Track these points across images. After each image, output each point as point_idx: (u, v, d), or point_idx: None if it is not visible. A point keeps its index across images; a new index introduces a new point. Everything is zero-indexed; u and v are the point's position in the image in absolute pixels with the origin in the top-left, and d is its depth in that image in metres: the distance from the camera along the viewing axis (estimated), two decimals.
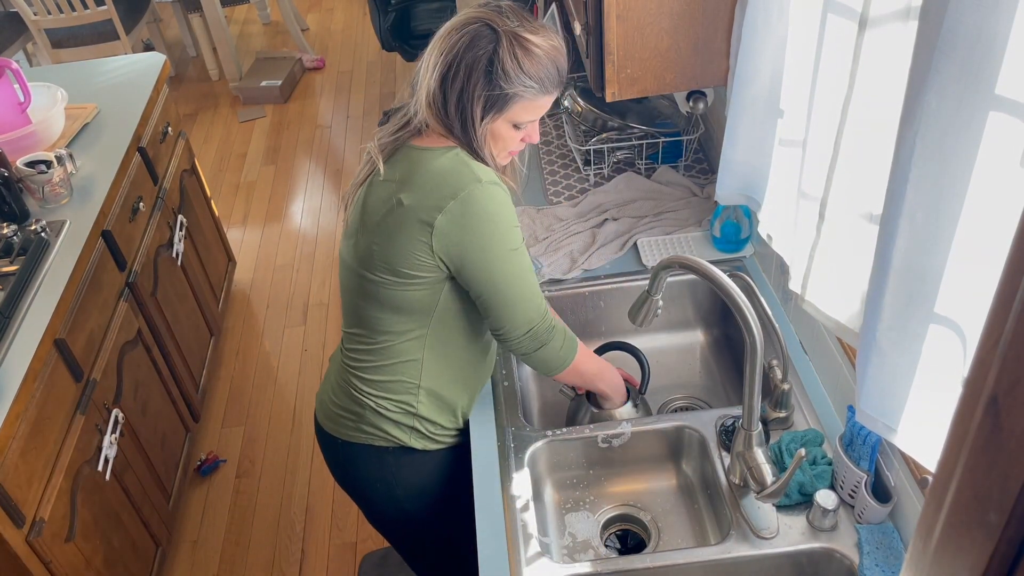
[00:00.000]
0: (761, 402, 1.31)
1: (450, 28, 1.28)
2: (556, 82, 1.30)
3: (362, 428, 1.50)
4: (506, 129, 1.33)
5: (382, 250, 1.34)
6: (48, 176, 2.15)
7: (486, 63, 1.25)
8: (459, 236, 1.29)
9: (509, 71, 1.25)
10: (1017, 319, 0.46)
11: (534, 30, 1.28)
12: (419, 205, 1.29)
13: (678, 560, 1.33)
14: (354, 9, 5.65)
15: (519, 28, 1.26)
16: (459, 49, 1.26)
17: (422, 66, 1.31)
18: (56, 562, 1.79)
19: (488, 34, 1.25)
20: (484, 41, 1.25)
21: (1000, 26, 0.76)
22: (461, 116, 1.29)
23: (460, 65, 1.26)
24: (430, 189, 1.29)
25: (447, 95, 1.28)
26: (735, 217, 1.79)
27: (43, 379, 1.81)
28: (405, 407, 1.48)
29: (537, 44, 1.27)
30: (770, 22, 1.34)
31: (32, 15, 4.14)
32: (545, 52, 1.27)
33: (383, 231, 1.33)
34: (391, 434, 1.50)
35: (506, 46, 1.24)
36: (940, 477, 0.57)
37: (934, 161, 0.87)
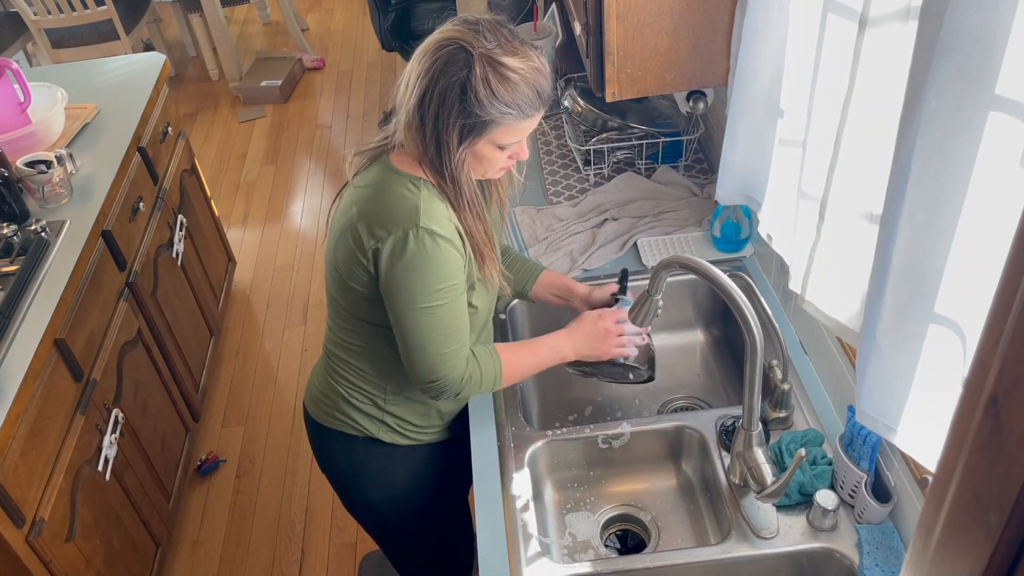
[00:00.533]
0: (761, 402, 1.31)
1: (426, 48, 1.23)
2: (536, 105, 1.24)
3: (335, 415, 1.52)
4: (490, 150, 1.28)
5: (332, 252, 1.37)
6: (48, 176, 2.15)
7: (459, 90, 1.20)
8: (386, 270, 1.28)
9: (483, 99, 1.20)
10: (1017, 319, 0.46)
11: (512, 51, 1.21)
12: (365, 225, 1.28)
13: (678, 560, 1.33)
14: (354, 9, 5.65)
15: (495, 50, 1.20)
16: (434, 73, 1.21)
17: (402, 84, 1.27)
18: (56, 562, 1.79)
19: (462, 58, 1.19)
20: (457, 66, 1.19)
21: (1000, 26, 0.76)
22: (436, 142, 1.25)
23: (434, 90, 1.21)
24: (379, 215, 1.27)
25: (424, 119, 1.24)
26: (735, 217, 1.79)
27: (43, 379, 1.81)
28: (373, 400, 1.49)
29: (513, 68, 1.20)
30: (770, 22, 1.34)
31: (32, 15, 4.14)
32: (522, 76, 1.21)
33: (336, 233, 1.35)
34: (360, 424, 1.51)
35: (479, 72, 1.18)
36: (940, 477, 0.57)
37: (934, 161, 0.87)
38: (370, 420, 1.50)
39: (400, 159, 1.32)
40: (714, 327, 1.89)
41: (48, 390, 1.82)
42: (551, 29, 2.35)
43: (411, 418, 1.52)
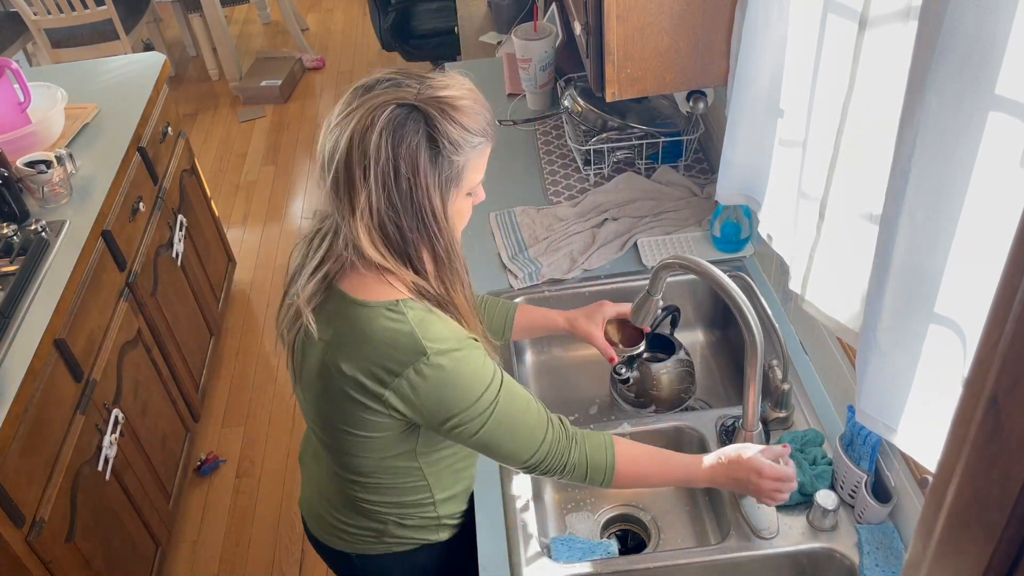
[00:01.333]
0: (761, 402, 1.31)
1: (353, 134, 1.05)
2: (493, 124, 1.14)
3: (385, 541, 1.37)
4: (463, 203, 1.16)
5: (317, 408, 1.22)
6: (48, 176, 2.15)
7: (428, 146, 1.06)
8: (419, 406, 1.13)
9: (456, 139, 1.07)
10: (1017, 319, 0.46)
11: (445, 84, 1.09)
12: (367, 377, 1.12)
13: (678, 560, 1.33)
14: (354, 9, 5.65)
15: (431, 90, 1.07)
16: (387, 150, 1.04)
17: (333, 192, 1.09)
18: (56, 562, 1.79)
19: (409, 114, 1.05)
20: (411, 124, 1.05)
21: (1000, 26, 0.76)
22: (420, 221, 1.09)
23: (399, 165, 1.05)
24: (376, 363, 1.11)
25: (398, 207, 1.07)
26: (735, 217, 1.79)
27: (43, 379, 1.81)
28: (427, 515, 1.35)
29: (460, 96, 1.09)
30: (770, 22, 1.34)
31: (32, 15, 4.14)
32: (471, 99, 1.10)
33: (317, 390, 1.19)
34: (418, 537, 1.37)
35: (438, 115, 1.06)
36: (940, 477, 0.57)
37: (934, 161, 0.87)
38: (427, 530, 1.37)
39: (357, 286, 1.14)
40: (714, 327, 1.89)
41: (48, 390, 1.82)
42: (551, 29, 2.35)
43: (459, 507, 1.40)
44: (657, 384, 1.64)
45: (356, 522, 1.35)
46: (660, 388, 1.64)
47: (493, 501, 1.44)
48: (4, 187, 2.06)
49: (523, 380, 1.78)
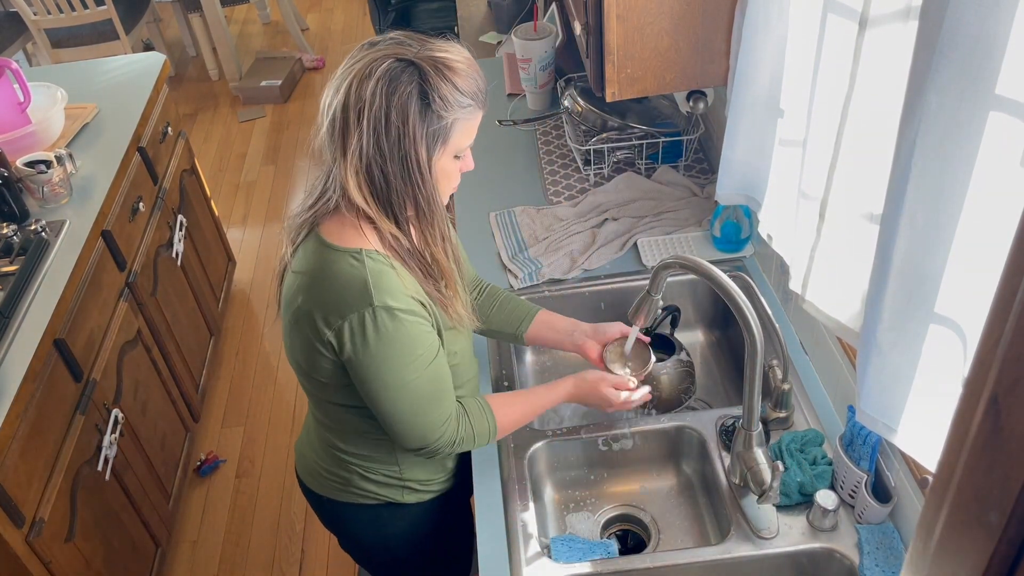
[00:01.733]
0: (761, 402, 1.31)
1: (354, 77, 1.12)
2: (484, 90, 1.19)
3: (350, 490, 1.44)
4: (450, 164, 1.21)
5: (290, 347, 1.28)
6: (48, 176, 2.15)
7: (419, 98, 1.12)
8: (349, 358, 1.19)
9: (447, 96, 1.13)
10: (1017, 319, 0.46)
11: (444, 48, 1.16)
12: (317, 316, 1.18)
13: (678, 560, 1.33)
14: (354, 9, 5.65)
15: (430, 51, 1.14)
16: (380, 97, 1.10)
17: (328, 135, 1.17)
18: (56, 562, 1.79)
19: (405, 68, 1.11)
20: (406, 76, 1.11)
21: (1000, 26, 0.76)
22: (404, 170, 1.15)
23: (390, 113, 1.11)
24: (328, 301, 1.18)
25: (383, 152, 1.13)
26: (735, 217, 1.79)
27: (43, 379, 1.81)
28: (388, 473, 1.42)
29: (456, 59, 1.15)
30: (770, 22, 1.34)
31: (32, 15, 4.14)
32: (466, 64, 1.16)
33: (288, 327, 1.25)
34: (380, 493, 1.44)
35: (432, 72, 1.12)
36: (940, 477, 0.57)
37: (934, 161, 0.87)
38: (391, 488, 1.44)
39: (334, 230, 1.21)
40: (714, 327, 1.89)
41: (48, 390, 1.82)
42: (551, 29, 2.35)
43: (428, 475, 1.46)
44: (657, 384, 1.64)
45: (327, 466, 1.44)
46: (660, 388, 1.64)
47: (493, 501, 1.44)
48: (4, 187, 2.06)
49: (523, 380, 1.78)
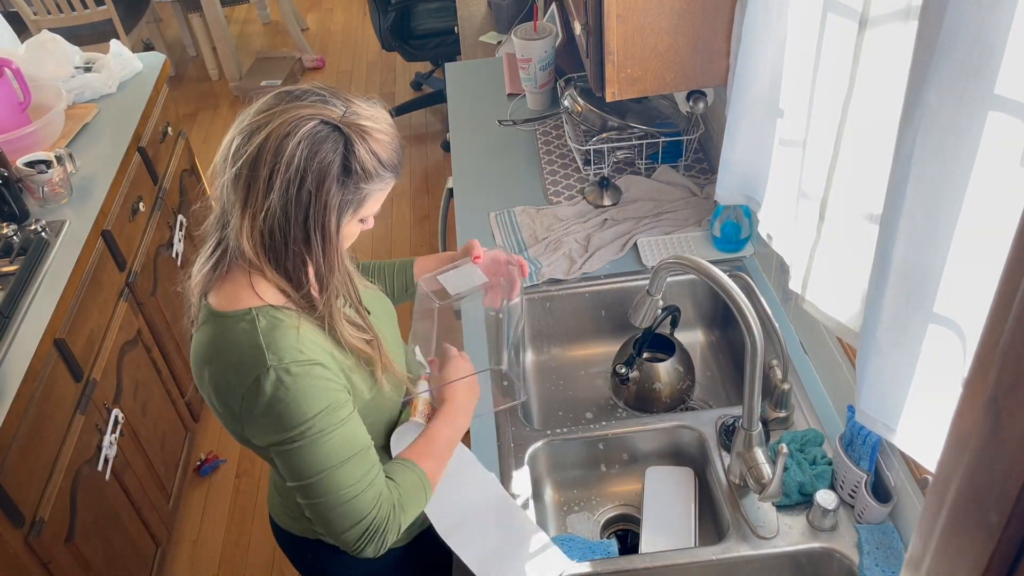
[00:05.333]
0: (761, 402, 1.31)
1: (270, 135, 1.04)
2: (402, 164, 1.15)
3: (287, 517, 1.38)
4: (354, 226, 1.16)
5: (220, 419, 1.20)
6: (48, 176, 2.15)
7: (340, 168, 1.06)
8: (249, 424, 1.12)
9: (370, 168, 1.08)
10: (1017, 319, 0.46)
11: (369, 114, 1.10)
12: (224, 389, 1.11)
13: (678, 560, 1.33)
14: (354, 9, 5.65)
15: (356, 116, 1.08)
16: (300, 160, 1.04)
17: (232, 183, 1.07)
18: (56, 562, 1.79)
19: (331, 133, 1.06)
20: (330, 143, 1.05)
21: (1000, 26, 0.76)
22: (308, 237, 1.08)
23: (306, 177, 1.05)
24: (228, 372, 1.11)
25: (290, 216, 1.06)
26: (735, 217, 1.79)
27: (43, 379, 1.81)
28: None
29: (379, 128, 1.10)
30: (770, 22, 1.34)
31: (32, 15, 4.14)
32: (389, 134, 1.12)
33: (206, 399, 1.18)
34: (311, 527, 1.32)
35: (358, 141, 1.07)
36: (940, 477, 0.57)
37: (934, 161, 0.87)
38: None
39: (224, 294, 1.14)
40: (714, 327, 1.89)
41: (48, 390, 1.82)
42: (551, 29, 2.35)
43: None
44: (657, 384, 1.64)
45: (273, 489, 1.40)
46: (660, 388, 1.64)
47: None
48: (4, 187, 2.06)
49: (524, 381, 1.78)
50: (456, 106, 2.51)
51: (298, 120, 1.05)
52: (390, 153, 1.11)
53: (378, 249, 3.63)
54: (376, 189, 1.12)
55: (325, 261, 1.12)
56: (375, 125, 1.10)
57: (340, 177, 1.07)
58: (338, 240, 1.12)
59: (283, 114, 1.05)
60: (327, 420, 1.11)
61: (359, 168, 1.08)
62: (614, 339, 1.80)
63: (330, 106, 1.07)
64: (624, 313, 1.53)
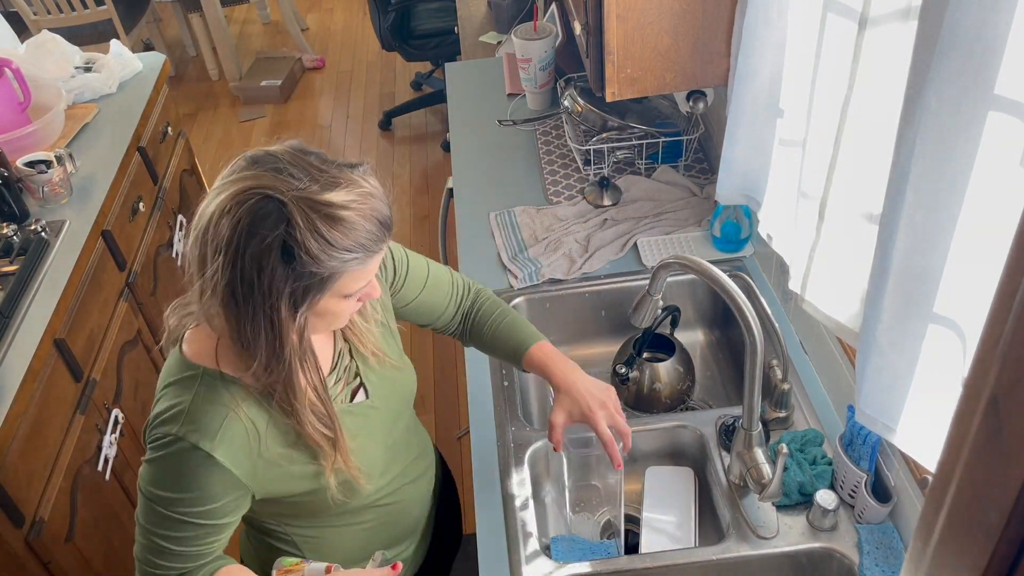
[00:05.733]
0: (761, 402, 1.31)
1: (219, 207, 0.96)
2: (381, 236, 1.00)
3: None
4: (335, 304, 1.03)
5: None
6: (48, 176, 2.15)
7: (279, 252, 0.94)
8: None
9: (317, 254, 0.94)
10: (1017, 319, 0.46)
11: (332, 182, 0.95)
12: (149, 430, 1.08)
13: (678, 560, 1.33)
14: (354, 9, 5.65)
15: (311, 189, 0.94)
16: (237, 241, 0.93)
17: (190, 250, 1.00)
18: (56, 562, 1.79)
19: (272, 209, 0.93)
20: (268, 222, 0.93)
21: (1000, 26, 0.76)
22: (257, 326, 0.98)
23: (243, 263, 0.94)
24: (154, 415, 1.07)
25: (238, 298, 0.97)
26: (735, 217, 1.79)
27: (43, 379, 1.81)
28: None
29: (341, 204, 0.95)
30: (770, 22, 1.34)
31: (32, 15, 4.14)
32: (356, 211, 0.96)
33: None
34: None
35: (302, 222, 0.93)
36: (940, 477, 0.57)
37: (934, 161, 0.87)
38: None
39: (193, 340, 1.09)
40: (714, 327, 1.89)
41: (48, 390, 1.82)
42: (551, 29, 2.35)
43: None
44: (657, 384, 1.64)
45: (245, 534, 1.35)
46: (660, 388, 1.64)
47: (493, 500, 1.44)
48: (4, 187, 2.06)
49: (523, 380, 1.78)
50: (456, 106, 2.51)
51: (242, 194, 0.94)
52: (351, 234, 0.96)
53: None
54: (339, 272, 0.98)
55: (278, 352, 1.01)
56: (337, 198, 0.95)
57: (283, 261, 0.94)
58: (293, 325, 1.00)
59: (234, 184, 0.96)
60: (173, 507, 1.06)
61: (302, 253, 0.94)
62: (614, 339, 1.80)
63: (283, 177, 0.94)
64: (624, 313, 1.53)
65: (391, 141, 4.34)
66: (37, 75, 2.48)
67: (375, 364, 1.23)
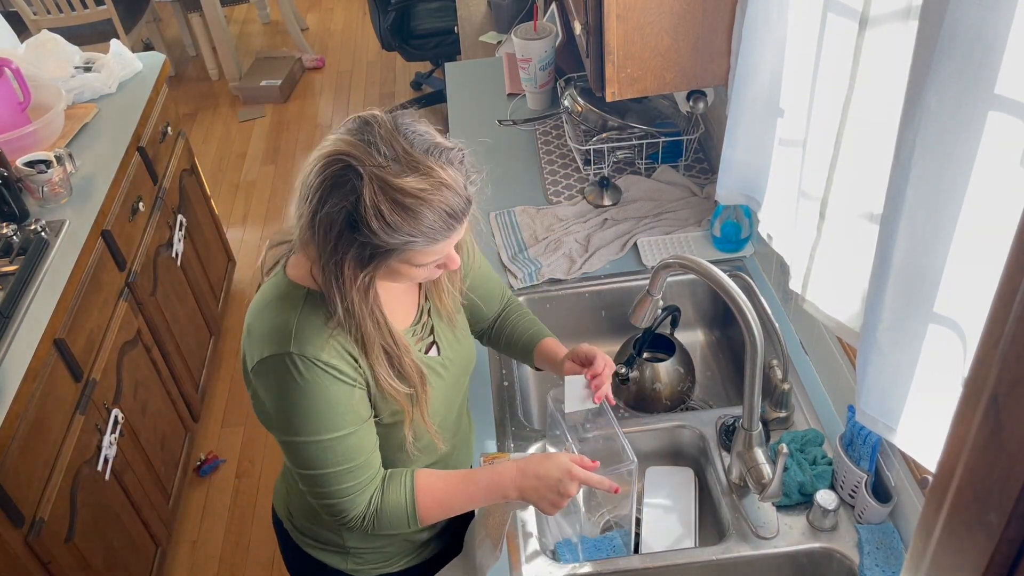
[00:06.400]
0: (761, 402, 1.31)
1: (316, 160, 1.03)
2: (448, 227, 1.03)
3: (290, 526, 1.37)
4: (405, 268, 1.07)
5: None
6: (48, 176, 2.15)
7: (346, 219, 1.00)
8: (257, 398, 1.14)
9: (377, 231, 0.99)
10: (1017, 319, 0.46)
11: (411, 166, 1.00)
12: (247, 344, 1.12)
13: (678, 560, 1.33)
14: (354, 9, 5.65)
15: (389, 169, 0.99)
16: (321, 196, 1.01)
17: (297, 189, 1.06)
18: (56, 562, 1.79)
19: (349, 180, 0.99)
20: (344, 191, 0.99)
21: (1000, 26, 0.76)
22: (330, 269, 1.05)
23: (322, 216, 1.01)
24: (256, 333, 1.11)
25: (317, 243, 1.04)
26: (735, 217, 1.79)
27: (43, 379, 1.81)
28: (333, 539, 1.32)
29: (411, 191, 0.99)
30: (770, 22, 1.34)
31: (32, 15, 4.14)
32: (423, 201, 0.99)
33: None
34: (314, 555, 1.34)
35: (368, 199, 0.98)
36: (940, 477, 0.57)
37: (934, 161, 0.87)
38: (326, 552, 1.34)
39: (297, 265, 1.14)
40: (714, 327, 1.89)
41: (48, 390, 1.82)
42: (551, 29, 2.35)
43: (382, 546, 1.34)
44: (657, 384, 1.64)
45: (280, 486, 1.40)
46: (660, 388, 1.64)
47: None
48: (4, 187, 2.06)
49: (523, 380, 1.78)
50: (456, 106, 2.51)
51: (333, 156, 1.01)
52: (413, 222, 1.00)
53: None
54: (401, 248, 1.03)
55: (346, 304, 1.07)
56: (408, 185, 0.99)
57: (349, 226, 1.00)
58: (357, 286, 1.06)
59: (335, 143, 1.02)
60: (329, 427, 1.10)
61: (366, 228, 0.99)
62: (614, 339, 1.80)
63: (371, 151, 1.00)
64: (624, 313, 1.53)
65: None
66: (37, 75, 2.48)
67: (448, 326, 1.28)
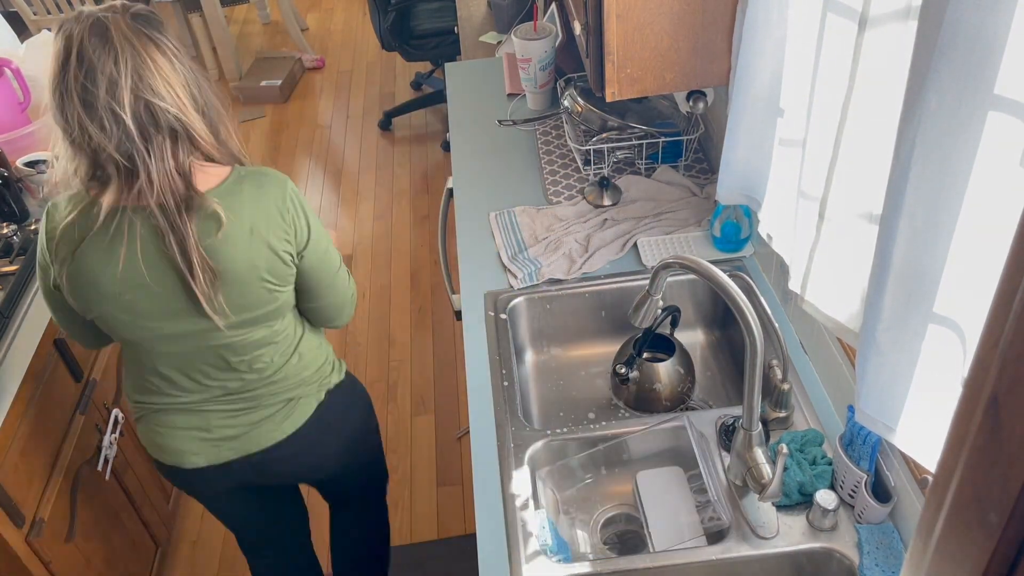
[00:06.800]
0: (761, 402, 1.31)
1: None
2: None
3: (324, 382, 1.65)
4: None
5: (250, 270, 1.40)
6: (48, 176, 2.15)
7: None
8: (301, 241, 1.45)
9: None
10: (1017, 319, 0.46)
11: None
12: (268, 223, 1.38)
13: (678, 560, 1.33)
14: (354, 9, 5.65)
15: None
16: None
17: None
18: (56, 562, 1.79)
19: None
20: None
21: (1000, 26, 0.76)
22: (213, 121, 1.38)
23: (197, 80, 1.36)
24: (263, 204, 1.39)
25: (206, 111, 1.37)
26: (735, 217, 1.79)
27: (43, 379, 1.81)
28: (322, 364, 1.64)
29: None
30: (770, 22, 1.34)
31: (32, 15, 4.14)
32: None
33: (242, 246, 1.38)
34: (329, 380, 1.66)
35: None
36: (940, 477, 0.57)
37: (934, 161, 0.87)
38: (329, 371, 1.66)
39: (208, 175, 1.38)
40: (714, 327, 1.89)
41: (48, 390, 1.82)
42: (551, 29, 2.35)
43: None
44: (657, 384, 1.64)
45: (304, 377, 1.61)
46: (660, 388, 1.64)
47: (493, 501, 1.44)
48: (4, 187, 2.06)
49: (523, 380, 1.78)
50: (456, 106, 2.51)
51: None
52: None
53: (378, 249, 3.63)
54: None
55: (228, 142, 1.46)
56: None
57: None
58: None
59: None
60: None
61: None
62: (614, 339, 1.80)
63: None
64: (624, 313, 1.53)
65: (391, 141, 4.34)
66: (37, 75, 2.48)
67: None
